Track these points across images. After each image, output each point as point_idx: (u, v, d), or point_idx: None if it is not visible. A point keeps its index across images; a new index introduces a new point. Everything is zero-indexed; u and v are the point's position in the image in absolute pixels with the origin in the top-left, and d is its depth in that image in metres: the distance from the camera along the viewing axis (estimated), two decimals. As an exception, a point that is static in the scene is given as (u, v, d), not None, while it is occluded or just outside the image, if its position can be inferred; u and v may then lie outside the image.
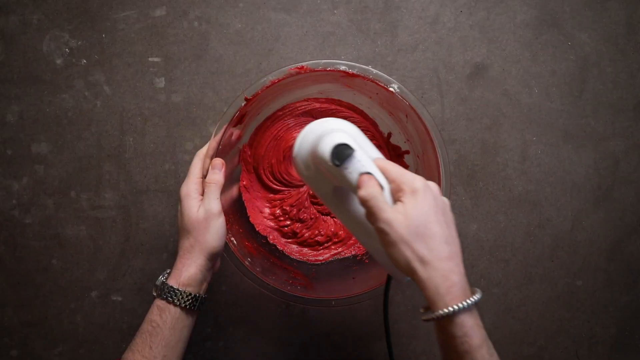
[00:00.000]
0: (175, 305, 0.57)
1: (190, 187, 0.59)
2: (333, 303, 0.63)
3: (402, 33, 0.75)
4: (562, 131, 0.75)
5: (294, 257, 0.71)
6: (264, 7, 0.74)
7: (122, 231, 0.74)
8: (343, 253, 0.72)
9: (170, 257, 0.74)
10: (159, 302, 0.57)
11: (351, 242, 0.72)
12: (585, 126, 0.76)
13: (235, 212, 0.69)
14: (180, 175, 0.74)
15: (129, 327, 0.74)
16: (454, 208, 0.75)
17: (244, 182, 0.71)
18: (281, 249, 0.71)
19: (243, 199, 0.71)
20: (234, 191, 0.70)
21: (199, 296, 0.58)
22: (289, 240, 0.72)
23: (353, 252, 0.72)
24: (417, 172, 0.69)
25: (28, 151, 0.73)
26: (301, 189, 0.72)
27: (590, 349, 0.76)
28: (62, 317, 0.74)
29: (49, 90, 0.73)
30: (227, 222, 0.61)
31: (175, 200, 0.74)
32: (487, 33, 0.75)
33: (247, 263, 0.63)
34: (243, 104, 0.62)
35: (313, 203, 0.72)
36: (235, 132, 0.65)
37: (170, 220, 0.74)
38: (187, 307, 0.57)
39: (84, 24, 0.73)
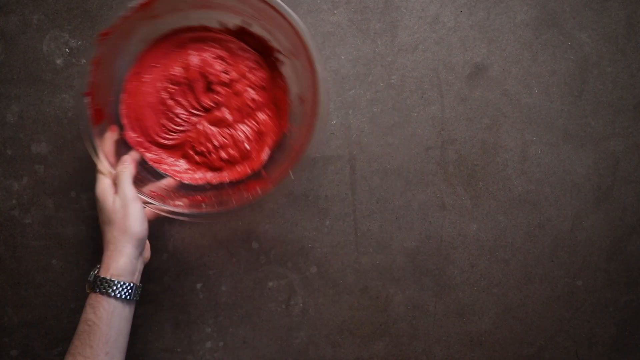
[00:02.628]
0: (109, 296, 0.57)
1: (103, 184, 0.61)
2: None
3: (402, 33, 0.75)
4: (562, 131, 0.75)
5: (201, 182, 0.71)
6: (264, 7, 0.74)
7: (122, 231, 0.74)
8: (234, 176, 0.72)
9: (170, 257, 0.74)
10: (91, 300, 0.57)
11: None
12: (585, 126, 0.76)
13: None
14: (180, 175, 0.74)
15: (129, 327, 0.74)
16: (454, 208, 0.75)
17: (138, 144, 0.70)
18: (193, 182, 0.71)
19: (147, 161, 0.70)
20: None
21: (133, 285, 0.58)
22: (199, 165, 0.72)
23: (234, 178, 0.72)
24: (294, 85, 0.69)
25: (28, 151, 0.73)
26: (198, 127, 0.71)
27: (590, 349, 0.76)
28: (62, 317, 0.74)
29: (49, 90, 0.73)
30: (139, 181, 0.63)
31: (175, 200, 0.74)
32: (487, 33, 0.75)
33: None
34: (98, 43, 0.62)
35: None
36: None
37: (170, 220, 0.74)
38: (123, 296, 0.57)
39: (84, 24, 0.73)
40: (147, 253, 0.65)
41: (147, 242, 0.66)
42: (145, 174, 0.68)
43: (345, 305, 0.75)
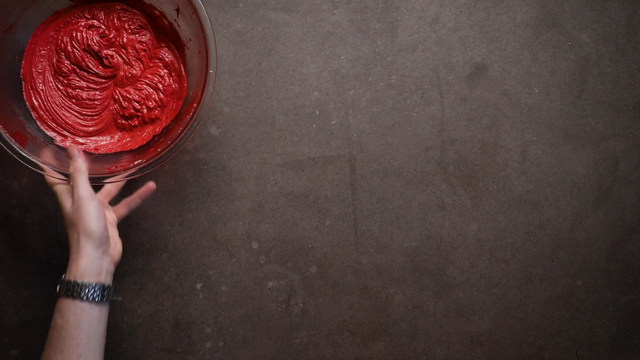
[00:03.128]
0: (74, 298, 0.56)
1: (59, 191, 0.61)
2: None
3: (402, 33, 0.75)
4: (562, 131, 0.75)
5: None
6: (264, 7, 0.74)
7: (122, 231, 0.74)
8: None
9: (170, 257, 0.74)
10: (58, 305, 0.57)
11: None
12: (585, 126, 0.76)
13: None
14: (180, 174, 0.74)
15: (129, 327, 0.74)
16: (454, 208, 0.75)
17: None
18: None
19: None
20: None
21: (99, 285, 0.57)
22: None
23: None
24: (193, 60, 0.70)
25: (28, 151, 0.73)
26: (105, 91, 0.72)
27: (590, 349, 0.76)
28: (62, 317, 0.74)
29: (49, 90, 0.73)
30: None
31: (175, 200, 0.74)
32: (487, 33, 0.75)
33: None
34: None
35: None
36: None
37: (170, 220, 0.74)
38: (90, 297, 0.56)
39: (84, 24, 0.73)
40: (116, 251, 0.63)
41: (118, 240, 0.65)
42: (99, 163, 0.69)
43: (345, 305, 0.75)
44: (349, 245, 0.75)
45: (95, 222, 0.58)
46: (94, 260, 0.58)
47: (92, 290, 0.57)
